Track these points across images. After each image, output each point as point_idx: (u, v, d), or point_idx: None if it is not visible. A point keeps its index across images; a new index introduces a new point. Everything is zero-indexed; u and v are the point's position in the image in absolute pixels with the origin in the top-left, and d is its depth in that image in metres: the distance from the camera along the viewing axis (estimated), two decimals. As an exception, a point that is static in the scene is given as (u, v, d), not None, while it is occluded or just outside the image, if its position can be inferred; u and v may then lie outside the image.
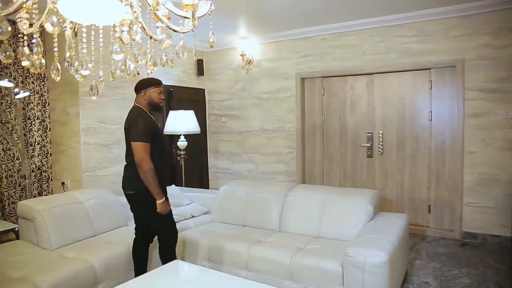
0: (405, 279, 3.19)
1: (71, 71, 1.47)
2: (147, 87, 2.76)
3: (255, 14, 4.35)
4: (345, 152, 5.06)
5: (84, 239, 3.16)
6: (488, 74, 4.07)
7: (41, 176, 4.23)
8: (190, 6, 1.31)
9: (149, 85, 2.77)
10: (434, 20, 4.29)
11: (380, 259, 2.37)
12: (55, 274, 2.47)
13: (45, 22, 1.14)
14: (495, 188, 4.08)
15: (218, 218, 3.75)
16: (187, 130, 4.69)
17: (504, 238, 4.03)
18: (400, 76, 4.64)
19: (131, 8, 1.26)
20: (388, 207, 4.69)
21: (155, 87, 2.79)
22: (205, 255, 3.16)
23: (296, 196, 3.43)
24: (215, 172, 6.12)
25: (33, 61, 1.31)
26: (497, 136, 4.05)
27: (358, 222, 3.06)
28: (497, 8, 3.93)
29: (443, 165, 4.43)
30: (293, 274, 2.72)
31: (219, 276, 2.34)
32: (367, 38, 4.72)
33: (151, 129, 2.68)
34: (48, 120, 4.27)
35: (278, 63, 5.39)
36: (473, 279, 3.22)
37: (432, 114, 4.47)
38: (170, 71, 5.29)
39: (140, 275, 2.49)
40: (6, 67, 3.85)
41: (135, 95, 2.88)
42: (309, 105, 5.30)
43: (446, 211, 4.44)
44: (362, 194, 3.29)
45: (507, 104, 3.99)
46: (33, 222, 3.01)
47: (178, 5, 1.37)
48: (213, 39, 1.44)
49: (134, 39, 1.30)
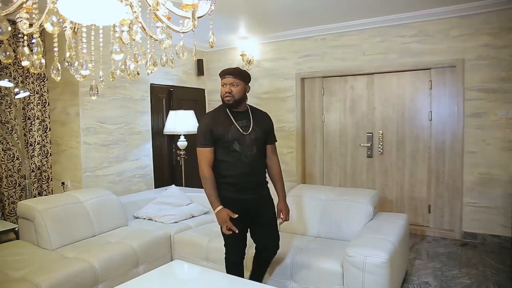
0: (405, 279, 3.19)
1: (71, 71, 1.47)
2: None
3: (255, 14, 4.35)
4: (345, 152, 5.06)
5: (84, 239, 3.16)
6: (488, 74, 4.07)
7: (41, 176, 4.23)
8: (190, 6, 1.31)
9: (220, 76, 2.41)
10: (434, 20, 4.29)
11: (380, 259, 2.37)
12: (55, 274, 2.46)
13: (45, 22, 1.14)
14: (495, 188, 4.08)
15: (218, 218, 3.74)
16: (187, 130, 4.69)
17: (504, 238, 4.03)
18: (400, 76, 4.64)
19: (131, 8, 1.26)
20: (388, 207, 4.69)
21: (221, 78, 2.40)
22: (205, 255, 3.15)
23: (296, 196, 3.43)
24: (215, 172, 6.11)
25: (33, 61, 1.31)
26: (497, 136, 4.05)
27: (358, 222, 3.06)
28: (497, 8, 3.93)
29: (443, 165, 4.43)
30: (293, 274, 2.73)
31: (219, 276, 2.34)
32: (367, 38, 4.72)
33: (209, 131, 2.34)
34: (48, 120, 4.27)
35: (278, 63, 5.39)
36: (473, 279, 3.21)
37: (432, 114, 4.47)
38: (170, 71, 5.29)
39: (140, 275, 2.49)
40: (6, 67, 3.85)
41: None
42: (309, 105, 5.29)
43: (446, 211, 4.44)
44: (362, 194, 3.29)
45: (507, 104, 3.99)
46: (33, 222, 3.01)
47: (178, 5, 1.37)
48: (213, 39, 1.44)
49: (134, 39, 1.29)
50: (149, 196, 4.12)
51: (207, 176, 2.35)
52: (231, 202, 2.36)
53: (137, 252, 3.01)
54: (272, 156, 2.58)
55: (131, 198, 4.03)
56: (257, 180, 2.47)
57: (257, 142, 2.41)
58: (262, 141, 2.46)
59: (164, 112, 5.22)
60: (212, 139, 2.36)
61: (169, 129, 4.73)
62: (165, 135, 5.15)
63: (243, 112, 2.44)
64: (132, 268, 2.97)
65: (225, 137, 2.34)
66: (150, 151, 4.96)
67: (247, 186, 2.41)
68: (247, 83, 2.42)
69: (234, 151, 2.36)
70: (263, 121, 2.50)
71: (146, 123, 4.89)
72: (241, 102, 2.40)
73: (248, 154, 2.38)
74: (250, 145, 2.38)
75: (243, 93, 2.39)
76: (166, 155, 5.31)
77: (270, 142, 2.56)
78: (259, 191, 2.48)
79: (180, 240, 3.35)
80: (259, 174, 2.49)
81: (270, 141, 2.56)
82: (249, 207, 2.41)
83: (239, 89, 2.36)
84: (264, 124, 2.50)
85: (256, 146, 2.40)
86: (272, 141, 2.57)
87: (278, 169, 2.60)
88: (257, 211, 2.46)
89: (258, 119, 2.47)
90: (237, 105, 2.39)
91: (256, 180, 2.46)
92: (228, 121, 2.38)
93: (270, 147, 2.57)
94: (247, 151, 2.38)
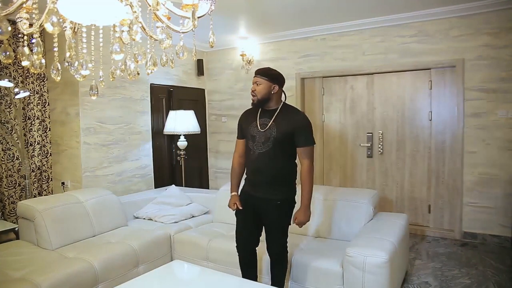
0: (405, 279, 3.19)
1: (71, 71, 1.47)
2: None
3: (255, 14, 4.35)
4: (345, 152, 5.06)
5: (84, 239, 3.16)
6: (488, 74, 4.07)
7: (41, 176, 4.23)
8: (190, 6, 1.31)
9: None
10: (434, 20, 4.29)
11: (380, 259, 2.37)
12: (55, 274, 2.46)
13: (45, 22, 1.14)
14: (495, 188, 4.08)
15: (218, 218, 3.75)
16: (187, 130, 4.69)
17: (504, 238, 4.03)
18: (400, 76, 4.64)
19: (131, 8, 1.26)
20: (388, 207, 4.69)
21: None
22: (205, 255, 3.16)
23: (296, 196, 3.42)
24: (215, 172, 6.12)
25: (33, 61, 1.31)
26: (497, 136, 4.05)
27: (358, 222, 3.06)
28: (497, 8, 3.93)
29: (443, 165, 4.43)
30: (293, 274, 2.73)
31: (219, 276, 2.34)
32: (367, 38, 4.72)
33: (240, 125, 2.61)
34: (48, 120, 4.27)
35: (278, 63, 5.38)
36: (473, 279, 3.21)
37: (432, 114, 4.47)
38: (170, 71, 5.29)
39: (140, 275, 2.49)
40: (6, 67, 3.85)
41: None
42: (309, 105, 5.29)
43: (446, 211, 4.44)
44: (362, 194, 3.29)
45: (507, 104, 3.99)
46: (33, 222, 3.01)
47: (178, 5, 1.37)
48: (213, 39, 1.44)
49: (134, 39, 1.29)
50: (149, 196, 4.12)
51: (233, 165, 2.66)
52: (242, 194, 2.58)
53: (137, 252, 3.01)
54: (301, 160, 2.44)
55: (131, 198, 4.03)
56: (265, 180, 2.42)
57: (273, 141, 2.37)
58: (281, 141, 2.37)
59: (164, 112, 5.22)
60: (241, 132, 2.60)
61: (169, 129, 4.73)
62: (165, 135, 5.15)
63: (271, 111, 2.45)
64: (132, 268, 2.97)
65: (246, 132, 2.52)
66: (150, 151, 4.96)
67: (255, 183, 2.47)
68: (274, 83, 2.40)
69: (248, 146, 2.50)
70: (288, 122, 2.39)
71: (146, 123, 4.89)
72: (266, 100, 2.42)
73: (257, 152, 2.41)
74: (262, 143, 2.40)
75: (267, 91, 2.40)
76: (166, 155, 5.31)
77: (298, 145, 2.41)
78: (268, 192, 2.42)
79: (180, 240, 3.35)
80: (268, 174, 2.40)
81: (298, 143, 2.41)
82: (257, 205, 2.47)
83: (262, 87, 2.40)
84: (287, 124, 2.38)
85: (271, 145, 2.37)
86: (300, 144, 2.41)
87: (304, 175, 2.42)
88: (264, 211, 2.46)
89: (283, 118, 2.41)
90: (262, 103, 2.43)
91: (264, 180, 2.42)
92: (253, 118, 2.50)
93: (299, 150, 2.44)
94: (256, 149, 2.42)
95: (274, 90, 2.41)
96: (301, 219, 2.45)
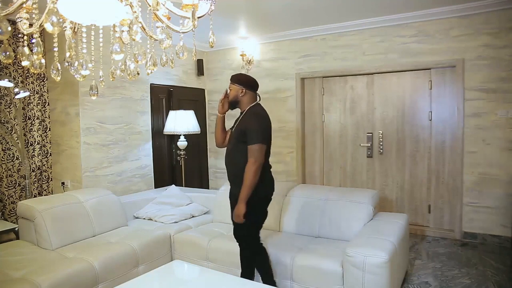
0: (405, 279, 3.19)
1: (71, 71, 1.47)
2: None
3: (255, 14, 4.35)
4: (345, 152, 5.06)
5: (84, 239, 3.16)
6: (488, 74, 4.07)
7: (41, 176, 4.23)
8: (190, 6, 1.32)
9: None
10: (434, 20, 4.29)
11: (380, 259, 2.37)
12: (55, 274, 2.46)
13: (45, 22, 1.14)
14: (495, 188, 4.08)
15: (218, 218, 3.75)
16: (187, 130, 4.69)
17: (504, 238, 4.03)
18: (400, 76, 4.64)
19: (131, 8, 1.26)
20: (388, 207, 4.69)
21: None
22: (205, 255, 3.16)
23: (296, 196, 3.43)
24: (215, 172, 6.12)
25: (33, 61, 1.32)
26: (497, 136, 4.05)
27: (358, 222, 3.06)
28: (497, 8, 3.93)
29: (443, 165, 4.43)
30: (293, 274, 2.73)
31: (219, 276, 2.34)
32: (367, 38, 4.72)
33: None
34: (48, 120, 4.27)
35: (278, 63, 5.39)
36: (473, 279, 3.22)
37: (432, 114, 4.47)
38: (170, 71, 5.29)
39: (140, 275, 2.49)
40: (6, 67, 3.85)
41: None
42: (309, 105, 5.29)
43: (446, 211, 4.44)
44: (362, 194, 3.29)
45: (507, 104, 3.99)
46: (33, 222, 3.01)
47: (178, 5, 1.37)
48: (213, 39, 1.44)
49: (134, 39, 1.30)
50: (149, 196, 4.12)
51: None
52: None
53: (137, 252, 3.01)
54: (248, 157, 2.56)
55: (131, 198, 4.03)
56: (229, 176, 2.72)
57: (233, 139, 2.69)
58: (237, 139, 2.63)
59: (164, 112, 5.22)
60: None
61: (169, 129, 4.73)
62: (165, 135, 5.15)
63: (241, 113, 2.72)
64: (132, 268, 2.97)
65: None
66: (150, 151, 4.96)
67: (228, 176, 2.74)
68: (241, 86, 2.64)
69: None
70: (243, 122, 2.64)
71: (146, 123, 4.89)
72: (236, 104, 2.70)
73: (227, 148, 2.76)
74: (229, 141, 2.76)
75: (235, 96, 2.67)
76: (166, 155, 5.31)
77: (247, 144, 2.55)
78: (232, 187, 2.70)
79: (180, 240, 3.35)
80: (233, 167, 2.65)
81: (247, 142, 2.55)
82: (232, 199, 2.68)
83: (232, 93, 2.69)
84: (242, 124, 2.63)
85: (232, 142, 2.69)
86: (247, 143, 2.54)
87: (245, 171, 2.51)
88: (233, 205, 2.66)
89: (243, 120, 2.66)
90: (233, 106, 2.73)
91: (229, 177, 2.73)
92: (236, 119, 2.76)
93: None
94: (227, 146, 2.78)
95: (242, 93, 2.66)
96: (235, 212, 2.58)
